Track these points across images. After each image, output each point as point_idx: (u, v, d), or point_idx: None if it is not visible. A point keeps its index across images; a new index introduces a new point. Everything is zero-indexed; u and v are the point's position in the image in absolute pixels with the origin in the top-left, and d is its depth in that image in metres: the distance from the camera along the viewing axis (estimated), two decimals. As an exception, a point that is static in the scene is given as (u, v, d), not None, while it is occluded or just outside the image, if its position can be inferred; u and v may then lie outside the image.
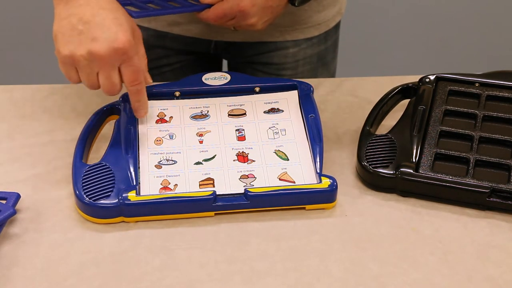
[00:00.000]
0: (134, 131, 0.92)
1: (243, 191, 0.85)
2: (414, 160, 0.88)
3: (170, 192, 0.85)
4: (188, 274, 0.78)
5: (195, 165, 0.89)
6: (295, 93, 0.98)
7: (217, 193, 0.84)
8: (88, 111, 0.99)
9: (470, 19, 2.35)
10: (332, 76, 1.27)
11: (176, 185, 0.86)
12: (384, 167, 0.89)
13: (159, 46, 1.18)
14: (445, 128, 0.93)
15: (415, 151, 0.89)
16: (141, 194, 0.84)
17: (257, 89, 0.99)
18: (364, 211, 0.87)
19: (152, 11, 0.97)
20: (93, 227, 0.83)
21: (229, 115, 0.96)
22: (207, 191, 0.84)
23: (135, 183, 0.85)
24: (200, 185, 0.86)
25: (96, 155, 0.92)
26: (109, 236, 0.82)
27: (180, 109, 0.96)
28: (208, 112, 0.96)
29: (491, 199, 0.85)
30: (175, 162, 0.89)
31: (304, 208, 0.86)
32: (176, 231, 0.83)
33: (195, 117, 0.95)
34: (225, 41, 1.16)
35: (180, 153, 0.90)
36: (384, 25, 2.34)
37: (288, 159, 0.90)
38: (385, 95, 1.00)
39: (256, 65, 1.20)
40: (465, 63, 2.36)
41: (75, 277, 0.77)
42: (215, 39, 1.16)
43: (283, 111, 0.96)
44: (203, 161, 0.89)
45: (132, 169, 0.86)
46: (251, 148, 0.91)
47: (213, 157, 0.90)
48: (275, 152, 0.90)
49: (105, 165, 0.87)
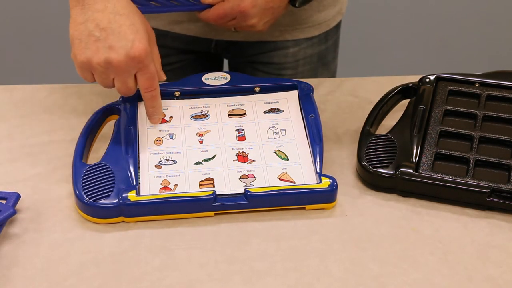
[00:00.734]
0: (134, 131, 0.92)
1: (243, 191, 0.85)
2: (414, 160, 0.88)
3: (170, 192, 0.85)
4: (188, 274, 0.78)
5: (195, 165, 0.89)
6: (295, 93, 0.98)
7: (217, 193, 0.84)
8: (88, 111, 0.99)
9: (470, 19, 2.35)
10: (333, 76, 1.27)
11: (176, 185, 0.86)
12: (384, 167, 0.89)
13: (160, 45, 1.18)
14: (445, 128, 0.93)
15: (415, 151, 0.89)
16: (141, 194, 0.84)
17: (257, 89, 0.99)
18: (364, 211, 0.87)
19: (153, 8, 0.97)
20: (93, 227, 0.83)
21: (229, 115, 0.96)
22: (207, 191, 0.84)
23: (135, 183, 0.85)
24: (200, 185, 0.86)
25: (96, 155, 0.92)
26: (109, 236, 0.82)
27: (180, 109, 0.96)
28: (208, 112, 0.96)
29: (491, 199, 0.85)
30: (175, 162, 0.89)
31: (304, 208, 0.86)
32: (176, 231, 0.83)
33: (195, 117, 0.95)
34: (225, 40, 1.16)
35: (180, 153, 0.90)
36: (384, 25, 2.34)
37: (288, 159, 0.90)
38: (385, 95, 1.00)
39: (257, 64, 1.20)
40: (465, 63, 2.36)
41: (75, 277, 0.77)
42: (215, 38, 1.16)
43: (283, 111, 0.96)
44: (203, 161, 0.89)
45: (132, 169, 0.86)
46: (251, 148, 0.91)
47: (213, 157, 0.90)
48: (275, 152, 0.91)
49: (105, 165, 0.87)
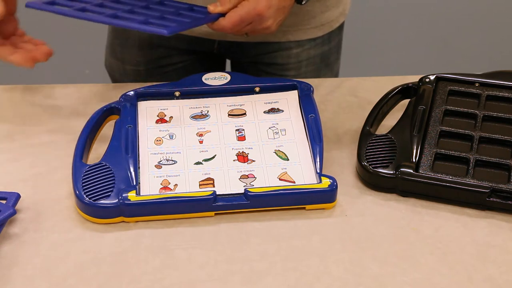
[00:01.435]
0: (134, 131, 0.92)
1: (243, 191, 0.85)
2: (414, 160, 0.88)
3: (170, 192, 0.85)
4: (188, 274, 0.78)
5: (195, 165, 0.89)
6: (295, 93, 0.98)
7: (217, 193, 0.84)
8: (88, 111, 0.99)
9: (470, 19, 2.35)
10: (335, 77, 1.27)
11: (176, 185, 0.86)
12: (384, 167, 0.89)
13: (162, 45, 1.18)
14: (445, 128, 0.93)
15: (415, 151, 0.89)
16: (141, 194, 0.84)
17: (257, 89, 0.99)
18: (364, 211, 0.87)
19: (173, 28, 0.91)
20: (93, 227, 0.83)
21: (229, 115, 0.96)
22: (207, 191, 0.84)
23: (135, 183, 0.85)
24: (200, 185, 0.86)
25: (96, 155, 0.92)
26: (109, 236, 0.82)
27: (180, 109, 0.96)
28: (208, 112, 0.96)
29: (491, 199, 0.85)
30: (175, 162, 0.89)
31: (304, 208, 0.86)
32: (176, 231, 0.83)
33: (195, 117, 0.95)
34: (228, 40, 1.16)
35: (180, 153, 0.90)
36: (384, 25, 2.35)
37: (288, 159, 0.90)
38: (385, 95, 1.00)
39: (259, 65, 1.20)
40: (465, 63, 2.36)
41: (75, 277, 0.77)
42: (218, 38, 1.16)
43: (283, 111, 0.96)
44: (203, 161, 0.89)
45: (132, 169, 0.86)
46: (251, 148, 0.91)
47: (213, 157, 0.90)
48: (275, 152, 0.90)
49: (105, 165, 0.87)
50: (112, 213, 0.83)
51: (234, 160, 0.89)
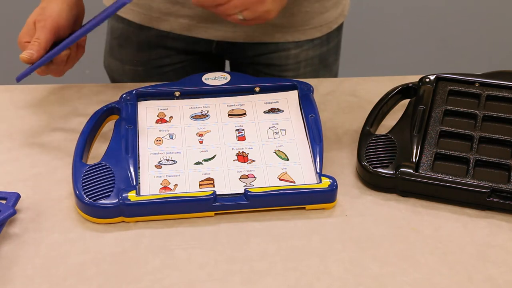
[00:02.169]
0: (134, 131, 0.92)
1: (243, 191, 0.85)
2: (414, 160, 0.88)
3: (170, 192, 0.85)
4: (188, 274, 0.78)
5: (195, 165, 0.89)
6: (295, 93, 0.98)
7: (217, 193, 0.84)
8: (88, 111, 0.99)
9: (470, 19, 2.35)
10: (334, 77, 1.27)
11: (176, 185, 0.86)
12: (384, 167, 0.89)
13: (161, 46, 1.18)
14: (445, 128, 0.93)
15: (415, 151, 0.89)
16: (141, 194, 0.84)
17: (257, 89, 0.99)
18: (364, 211, 0.87)
19: None
20: (93, 227, 0.83)
21: (229, 115, 0.96)
22: (207, 191, 0.84)
23: (135, 183, 0.85)
24: (200, 185, 0.86)
25: (96, 155, 0.92)
26: (109, 236, 0.82)
27: (180, 109, 0.96)
28: (208, 112, 0.96)
29: (491, 199, 0.85)
30: (175, 162, 0.89)
31: (304, 208, 0.86)
32: (176, 231, 0.83)
33: (195, 117, 0.95)
34: (226, 41, 1.16)
35: (180, 153, 0.90)
36: (384, 26, 2.35)
37: (288, 159, 0.90)
38: (385, 95, 1.00)
39: (258, 66, 1.20)
40: (465, 63, 2.36)
41: (75, 277, 0.77)
42: (216, 39, 1.16)
43: (283, 111, 0.96)
44: (203, 161, 0.89)
45: (132, 169, 0.86)
46: (251, 148, 0.91)
47: (213, 157, 0.90)
48: (275, 152, 0.90)
49: (105, 165, 0.87)
50: (112, 213, 0.83)
51: (234, 160, 0.89)
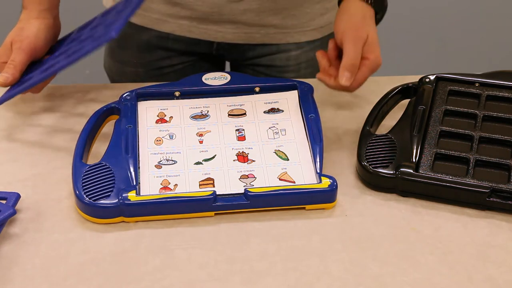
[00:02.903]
0: (134, 131, 0.92)
1: (243, 191, 0.85)
2: (414, 160, 0.88)
3: (170, 192, 0.85)
4: (188, 274, 0.78)
5: (195, 165, 0.89)
6: (295, 93, 0.98)
7: (217, 193, 0.84)
8: (88, 111, 0.99)
9: (470, 19, 2.35)
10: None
11: (176, 185, 0.86)
12: (384, 167, 0.89)
13: (161, 47, 1.18)
14: (445, 128, 0.93)
15: (415, 151, 0.89)
16: (141, 194, 0.84)
17: (257, 89, 0.99)
18: (364, 211, 0.87)
19: None
20: (93, 227, 0.83)
21: (229, 115, 0.96)
22: (207, 191, 0.84)
23: (135, 183, 0.85)
24: (200, 185, 0.86)
25: (96, 155, 0.92)
26: (109, 236, 0.82)
27: (180, 109, 0.96)
28: (208, 112, 0.96)
29: (491, 199, 0.85)
30: (175, 162, 0.89)
31: (304, 208, 0.86)
32: (176, 231, 0.83)
33: (195, 117, 0.95)
34: (226, 42, 1.16)
35: (180, 153, 0.90)
36: (384, 26, 2.34)
37: (288, 159, 0.90)
38: (385, 95, 1.00)
39: (258, 67, 1.19)
40: (465, 63, 2.36)
41: (75, 277, 0.77)
42: (216, 40, 1.16)
43: (283, 111, 0.96)
44: (203, 161, 0.89)
45: (132, 169, 0.86)
46: (251, 148, 0.91)
47: (213, 157, 0.90)
48: (275, 152, 0.90)
49: (105, 165, 0.87)
50: (112, 213, 0.83)
51: (234, 160, 0.89)
